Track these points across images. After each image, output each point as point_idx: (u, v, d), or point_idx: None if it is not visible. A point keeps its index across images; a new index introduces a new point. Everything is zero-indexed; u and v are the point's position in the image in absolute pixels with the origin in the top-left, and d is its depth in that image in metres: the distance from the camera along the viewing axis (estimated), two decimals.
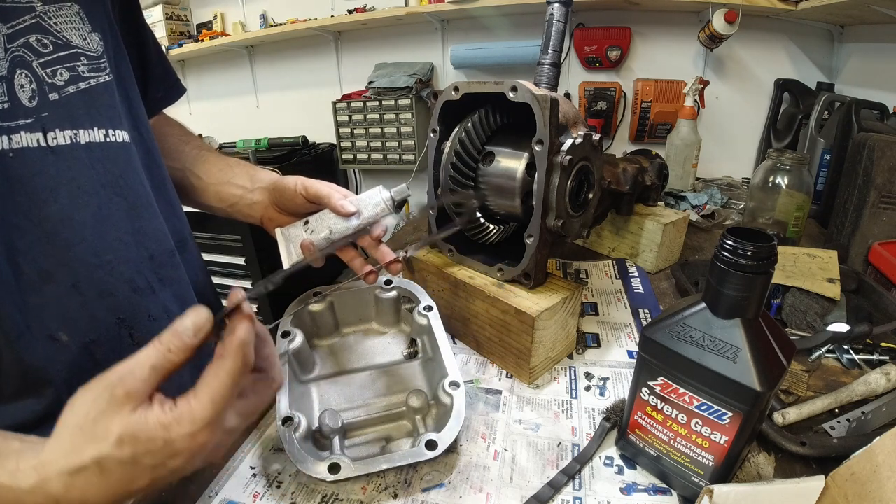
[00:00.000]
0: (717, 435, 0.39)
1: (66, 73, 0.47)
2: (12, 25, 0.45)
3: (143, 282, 0.52)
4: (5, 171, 0.42)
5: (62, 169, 0.46)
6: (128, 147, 0.52)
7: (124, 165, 0.51)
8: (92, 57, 0.50)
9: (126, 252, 0.51)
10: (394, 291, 0.63)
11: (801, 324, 0.65)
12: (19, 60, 0.45)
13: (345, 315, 0.64)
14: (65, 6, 0.49)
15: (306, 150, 2.07)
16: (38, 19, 0.47)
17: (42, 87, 0.45)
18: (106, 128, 0.50)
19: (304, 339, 0.57)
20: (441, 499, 0.45)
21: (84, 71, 0.49)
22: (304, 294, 0.62)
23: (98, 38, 0.51)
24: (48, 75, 0.46)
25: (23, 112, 0.44)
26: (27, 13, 0.46)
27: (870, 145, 0.83)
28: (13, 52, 0.45)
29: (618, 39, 1.56)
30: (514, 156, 0.59)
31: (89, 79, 0.49)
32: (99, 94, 0.50)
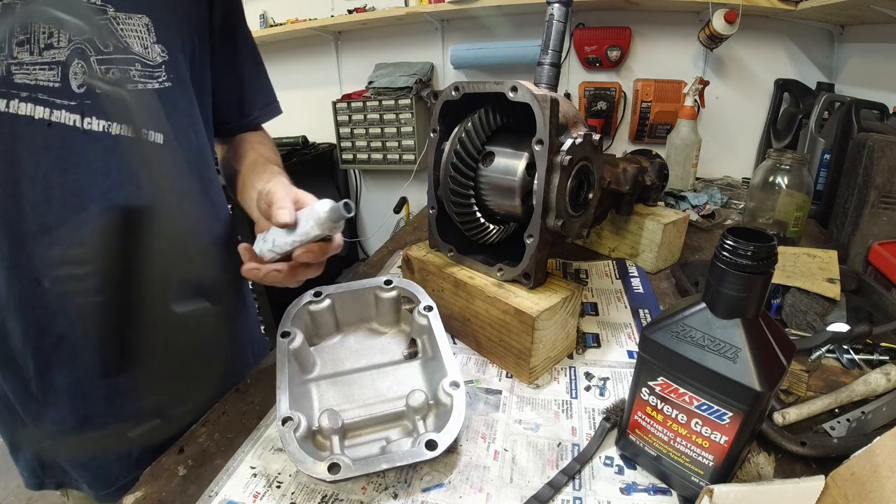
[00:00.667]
0: (717, 435, 0.39)
1: (118, 73, 0.54)
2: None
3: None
4: (39, 137, 0.50)
5: (88, 149, 0.52)
6: (160, 148, 0.57)
7: (150, 162, 0.56)
8: (148, 65, 0.56)
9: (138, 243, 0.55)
10: (394, 291, 0.63)
11: (801, 324, 0.65)
12: (80, 52, 0.51)
13: (345, 315, 0.64)
14: (135, 17, 0.55)
15: (306, 150, 2.07)
16: (108, 22, 0.53)
17: (92, 79, 0.52)
18: (140, 126, 0.55)
19: (303, 339, 0.57)
20: (441, 499, 0.45)
21: (135, 75, 0.55)
22: (304, 294, 0.62)
23: (160, 50, 0.57)
24: (101, 71, 0.53)
25: (69, 94, 0.51)
26: (98, 14, 0.53)
27: (870, 145, 0.83)
28: (76, 44, 0.51)
29: (618, 39, 1.56)
30: (514, 156, 0.59)
31: (138, 83, 0.56)
32: (144, 97, 0.56)
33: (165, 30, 0.58)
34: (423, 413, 0.51)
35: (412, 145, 1.89)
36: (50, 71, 0.50)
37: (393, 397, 0.55)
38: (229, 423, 0.55)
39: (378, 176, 2.24)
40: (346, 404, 0.54)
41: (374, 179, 2.27)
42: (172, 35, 0.59)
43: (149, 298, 0.56)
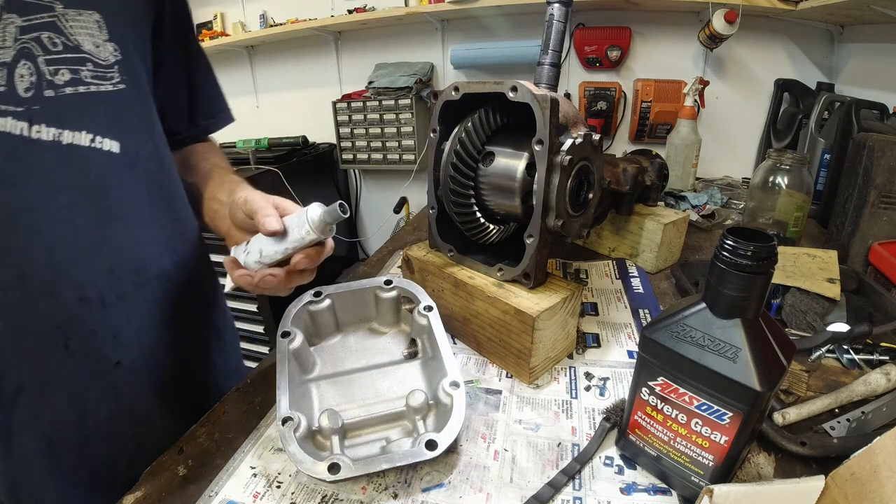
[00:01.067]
0: (717, 435, 0.39)
1: (69, 75, 0.48)
2: (28, 19, 0.46)
3: (92, 293, 0.50)
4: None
5: (37, 160, 0.46)
6: (115, 157, 0.52)
7: (105, 173, 0.51)
8: (100, 65, 0.51)
9: (81, 258, 0.49)
10: (394, 291, 0.63)
11: (801, 324, 0.65)
12: (26, 52, 0.46)
13: (345, 315, 0.64)
14: (85, 13, 0.50)
15: (306, 150, 2.07)
16: (56, 19, 0.48)
17: (41, 82, 0.46)
18: (94, 134, 0.50)
19: (304, 338, 0.57)
20: (441, 499, 0.45)
21: (87, 76, 0.50)
22: (304, 294, 0.62)
23: (112, 49, 0.52)
24: (50, 72, 0.47)
25: (15, 100, 0.45)
26: (45, 11, 0.47)
27: (870, 145, 0.83)
28: (23, 43, 0.46)
29: (618, 39, 1.56)
30: (514, 156, 0.59)
31: (90, 84, 0.50)
32: (97, 101, 0.50)
33: (118, 27, 0.52)
34: (423, 413, 0.51)
35: (412, 145, 1.89)
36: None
37: (393, 397, 0.55)
38: (229, 423, 0.55)
39: (378, 176, 2.24)
40: (346, 404, 0.54)
41: (374, 179, 2.27)
42: (125, 33, 0.53)
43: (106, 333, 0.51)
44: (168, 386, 0.59)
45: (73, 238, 0.49)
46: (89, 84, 0.50)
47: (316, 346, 0.63)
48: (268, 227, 0.46)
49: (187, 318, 0.62)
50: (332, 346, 0.63)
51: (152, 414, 0.58)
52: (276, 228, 0.46)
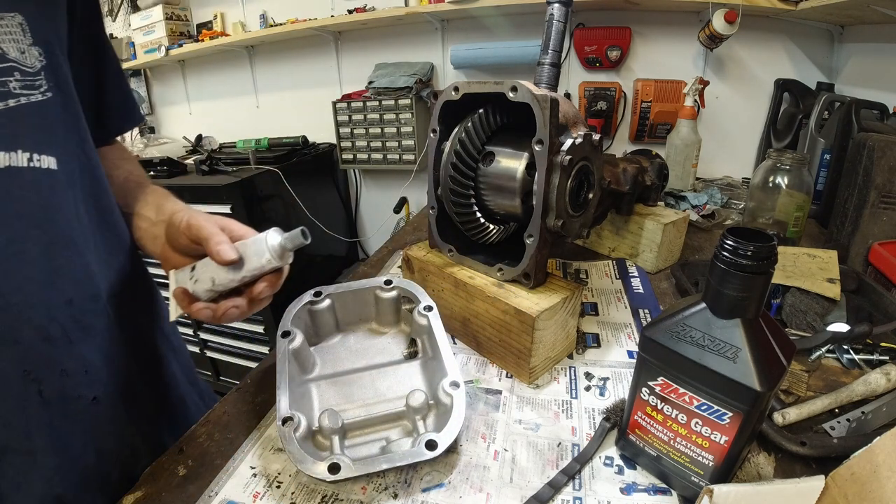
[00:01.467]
0: (717, 435, 0.39)
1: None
2: None
3: (56, 330, 0.45)
4: None
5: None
6: (54, 174, 0.46)
7: (48, 195, 0.45)
8: (27, 73, 0.44)
9: (38, 294, 0.44)
10: (394, 291, 0.63)
11: (801, 324, 0.65)
12: None
13: (345, 315, 0.64)
14: (7, 16, 0.44)
15: (306, 150, 2.07)
16: None
17: None
18: (31, 151, 0.44)
19: (303, 338, 0.57)
20: (441, 499, 0.45)
21: (15, 87, 0.43)
22: (304, 294, 0.62)
23: (38, 53, 0.45)
24: None
25: None
26: None
27: (870, 145, 0.83)
28: None
29: (618, 39, 1.56)
30: (514, 156, 0.59)
31: (20, 96, 0.44)
32: (28, 114, 0.44)
33: (41, 28, 0.47)
34: (423, 413, 0.51)
35: (412, 145, 1.89)
36: None
37: (393, 397, 0.55)
38: (229, 423, 0.55)
39: (378, 176, 2.24)
40: (346, 404, 0.54)
41: (374, 179, 2.27)
42: (49, 33, 0.47)
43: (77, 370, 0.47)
44: (143, 410, 0.56)
45: (25, 275, 0.43)
46: (19, 96, 0.43)
47: (316, 345, 0.63)
48: (224, 257, 0.43)
49: (145, 336, 0.59)
50: (332, 346, 0.63)
51: (136, 443, 0.55)
52: (233, 258, 0.43)
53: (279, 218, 1.92)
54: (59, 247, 0.46)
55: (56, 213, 0.46)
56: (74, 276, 0.48)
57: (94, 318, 0.50)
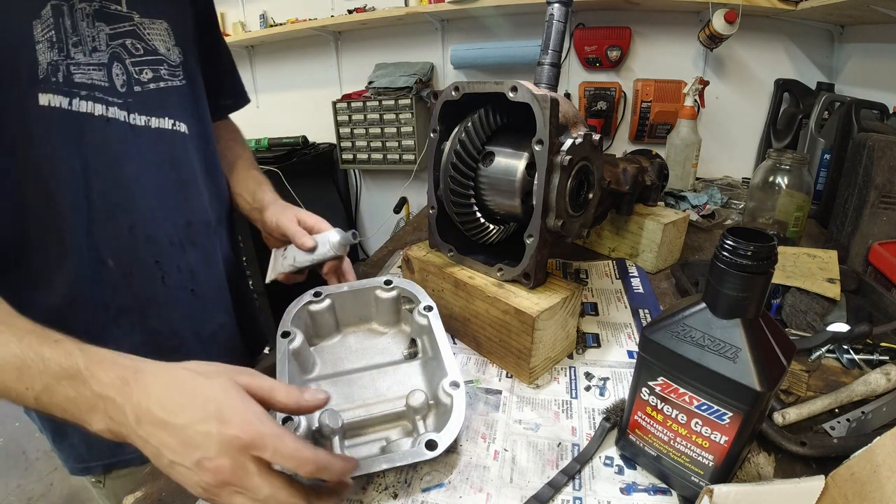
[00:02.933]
0: (717, 435, 0.39)
1: (150, 73, 0.61)
2: (114, 27, 0.57)
3: (178, 240, 0.64)
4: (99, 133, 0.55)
5: (138, 142, 0.59)
6: (186, 137, 0.65)
7: (181, 150, 0.64)
8: (171, 65, 0.63)
9: (170, 214, 0.63)
10: (394, 291, 0.63)
11: (801, 324, 0.65)
12: (117, 55, 0.58)
13: (345, 315, 0.64)
14: (157, 22, 0.62)
15: (306, 150, 2.07)
16: (135, 27, 0.60)
17: (130, 80, 0.58)
18: (174, 119, 0.63)
19: (304, 339, 0.57)
20: (441, 499, 0.45)
21: (164, 74, 0.62)
22: (303, 294, 0.62)
23: (178, 52, 0.65)
24: (136, 72, 0.59)
25: (116, 94, 0.57)
26: (126, 21, 0.59)
27: (870, 145, 0.83)
28: (113, 48, 0.57)
29: (618, 39, 1.56)
30: (514, 156, 0.59)
31: (168, 80, 0.63)
32: (171, 93, 0.63)
33: (181, 34, 0.65)
34: (423, 413, 0.51)
35: (412, 145, 1.89)
36: (100, 72, 0.55)
37: (393, 397, 0.55)
38: None
39: (378, 176, 2.24)
40: (345, 404, 0.54)
41: (374, 179, 2.27)
42: (186, 37, 0.66)
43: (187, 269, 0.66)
44: (227, 308, 0.74)
45: (164, 199, 0.62)
46: (167, 80, 0.63)
47: (316, 346, 0.63)
48: (305, 244, 0.64)
49: (231, 261, 0.77)
50: (332, 347, 0.63)
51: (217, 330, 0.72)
52: (310, 245, 0.64)
53: None
54: (185, 186, 0.65)
55: (186, 163, 0.65)
56: (194, 207, 0.66)
57: (204, 238, 0.68)
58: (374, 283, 0.64)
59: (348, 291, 0.63)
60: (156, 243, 0.61)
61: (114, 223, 0.57)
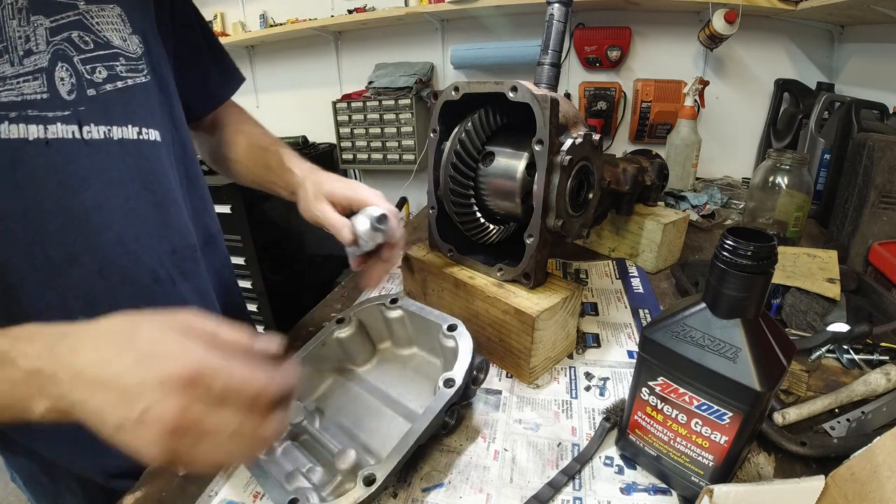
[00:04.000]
0: (717, 435, 0.39)
1: (105, 72, 0.50)
2: (55, 20, 0.46)
3: (164, 273, 0.54)
4: (40, 159, 0.44)
5: (95, 161, 0.48)
6: (158, 145, 0.54)
7: (154, 162, 0.54)
8: (130, 58, 0.52)
9: (150, 242, 0.53)
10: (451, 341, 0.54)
11: (801, 324, 0.65)
12: (61, 54, 0.46)
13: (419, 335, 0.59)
14: (107, 7, 0.51)
15: (306, 150, 2.07)
16: (81, 17, 0.49)
17: (81, 82, 0.47)
18: (139, 126, 0.52)
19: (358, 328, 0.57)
20: (441, 499, 0.45)
21: (122, 71, 0.51)
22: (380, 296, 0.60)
23: (138, 41, 0.53)
24: (87, 71, 0.48)
25: (60, 104, 0.46)
26: (70, 10, 0.48)
27: (870, 145, 0.83)
28: (55, 45, 0.46)
29: (618, 39, 1.56)
30: (514, 156, 0.59)
31: (126, 79, 0.52)
32: (135, 93, 0.52)
33: (138, 18, 0.54)
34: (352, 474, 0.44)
35: (412, 145, 1.89)
36: (35, 81, 0.44)
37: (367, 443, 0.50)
38: None
39: (378, 176, 2.24)
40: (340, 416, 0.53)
41: (374, 179, 2.27)
42: (144, 22, 0.55)
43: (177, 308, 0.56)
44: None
45: (140, 227, 0.52)
46: (126, 78, 0.51)
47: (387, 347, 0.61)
48: (345, 240, 0.55)
49: (227, 282, 0.68)
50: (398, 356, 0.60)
51: None
52: (350, 239, 0.54)
53: (279, 218, 1.92)
54: (164, 205, 0.54)
55: (161, 177, 0.55)
56: (177, 229, 0.56)
57: (192, 265, 0.58)
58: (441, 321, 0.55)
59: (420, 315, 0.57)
60: (134, 283, 0.51)
61: (79, 268, 0.47)
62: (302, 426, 0.51)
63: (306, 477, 0.44)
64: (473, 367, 0.49)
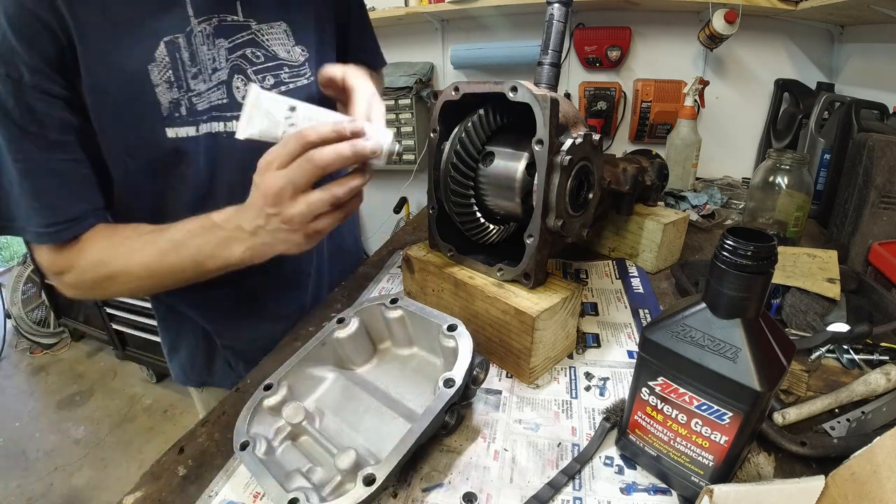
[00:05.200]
0: (717, 435, 0.39)
1: (272, 79, 0.65)
2: (233, 40, 0.61)
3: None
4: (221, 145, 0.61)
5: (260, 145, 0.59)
6: None
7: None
8: (293, 66, 0.67)
9: None
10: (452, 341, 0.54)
11: (801, 324, 0.65)
12: (237, 68, 0.62)
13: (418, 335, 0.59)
14: (275, 25, 0.65)
15: None
16: (253, 35, 0.63)
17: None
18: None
19: (360, 326, 0.58)
20: (441, 499, 0.45)
21: (285, 77, 0.66)
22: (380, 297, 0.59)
23: (300, 51, 0.68)
24: (258, 80, 0.63)
25: (236, 106, 0.61)
26: (244, 30, 0.62)
27: (870, 145, 0.83)
28: (233, 61, 0.61)
29: (618, 39, 1.56)
30: (514, 156, 0.59)
31: (289, 83, 0.67)
32: (295, 94, 0.64)
33: (302, 31, 0.68)
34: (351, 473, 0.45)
35: (412, 145, 1.89)
36: (218, 91, 0.60)
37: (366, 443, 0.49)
38: (229, 423, 0.55)
39: (378, 175, 2.22)
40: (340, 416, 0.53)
41: (373, 179, 2.25)
42: (308, 34, 0.69)
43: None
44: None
45: None
46: (288, 83, 0.66)
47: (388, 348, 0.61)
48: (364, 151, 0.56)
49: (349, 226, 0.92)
50: (396, 356, 0.60)
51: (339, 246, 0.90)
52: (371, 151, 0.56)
53: None
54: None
55: None
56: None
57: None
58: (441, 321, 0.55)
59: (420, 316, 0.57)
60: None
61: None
62: (302, 426, 0.50)
63: (306, 477, 0.44)
64: (473, 367, 0.49)
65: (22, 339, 2.89)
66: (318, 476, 0.45)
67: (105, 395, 2.50)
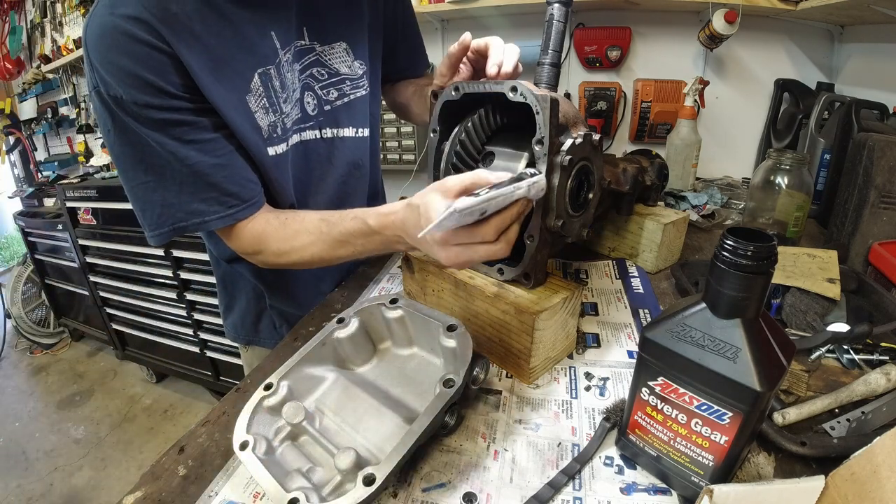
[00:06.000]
0: (717, 435, 0.39)
1: (336, 93, 0.77)
2: (302, 62, 0.72)
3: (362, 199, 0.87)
4: (303, 151, 0.75)
5: (329, 151, 0.78)
6: (366, 140, 0.83)
7: (362, 151, 0.83)
8: (352, 79, 0.78)
9: (355, 198, 0.85)
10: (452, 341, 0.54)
11: (801, 324, 0.65)
12: (307, 86, 0.73)
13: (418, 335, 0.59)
14: (336, 45, 0.75)
15: None
16: (318, 56, 0.74)
17: (320, 102, 0.75)
18: (357, 127, 0.81)
19: (360, 326, 0.58)
20: (441, 499, 0.45)
21: (347, 90, 0.78)
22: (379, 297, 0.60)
23: (358, 65, 0.79)
24: (324, 94, 0.75)
25: (308, 119, 0.74)
26: (310, 53, 0.73)
27: (870, 145, 0.83)
28: (303, 81, 0.73)
29: (618, 39, 1.56)
30: (514, 156, 0.59)
31: (350, 95, 0.79)
32: (356, 104, 0.79)
33: (360, 48, 0.78)
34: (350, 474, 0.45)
35: (412, 145, 1.89)
36: (295, 108, 0.71)
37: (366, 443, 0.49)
38: (229, 423, 0.55)
39: None
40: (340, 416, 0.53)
41: None
42: (364, 49, 0.79)
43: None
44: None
45: (351, 188, 0.83)
46: (349, 95, 0.78)
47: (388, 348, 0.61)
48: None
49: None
50: (395, 355, 0.60)
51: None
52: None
53: None
54: (363, 177, 0.86)
55: (363, 159, 0.84)
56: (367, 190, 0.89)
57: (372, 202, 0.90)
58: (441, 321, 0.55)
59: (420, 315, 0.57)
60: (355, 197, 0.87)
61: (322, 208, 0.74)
62: (302, 426, 0.50)
63: (306, 477, 0.44)
64: (473, 367, 0.49)
65: (22, 339, 2.90)
66: (318, 476, 0.45)
67: (105, 395, 2.50)
